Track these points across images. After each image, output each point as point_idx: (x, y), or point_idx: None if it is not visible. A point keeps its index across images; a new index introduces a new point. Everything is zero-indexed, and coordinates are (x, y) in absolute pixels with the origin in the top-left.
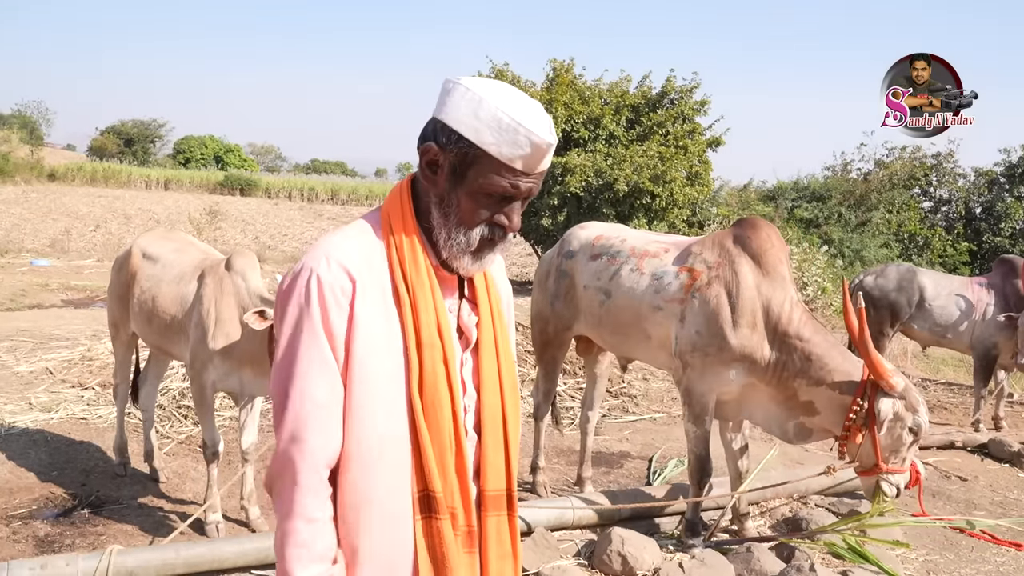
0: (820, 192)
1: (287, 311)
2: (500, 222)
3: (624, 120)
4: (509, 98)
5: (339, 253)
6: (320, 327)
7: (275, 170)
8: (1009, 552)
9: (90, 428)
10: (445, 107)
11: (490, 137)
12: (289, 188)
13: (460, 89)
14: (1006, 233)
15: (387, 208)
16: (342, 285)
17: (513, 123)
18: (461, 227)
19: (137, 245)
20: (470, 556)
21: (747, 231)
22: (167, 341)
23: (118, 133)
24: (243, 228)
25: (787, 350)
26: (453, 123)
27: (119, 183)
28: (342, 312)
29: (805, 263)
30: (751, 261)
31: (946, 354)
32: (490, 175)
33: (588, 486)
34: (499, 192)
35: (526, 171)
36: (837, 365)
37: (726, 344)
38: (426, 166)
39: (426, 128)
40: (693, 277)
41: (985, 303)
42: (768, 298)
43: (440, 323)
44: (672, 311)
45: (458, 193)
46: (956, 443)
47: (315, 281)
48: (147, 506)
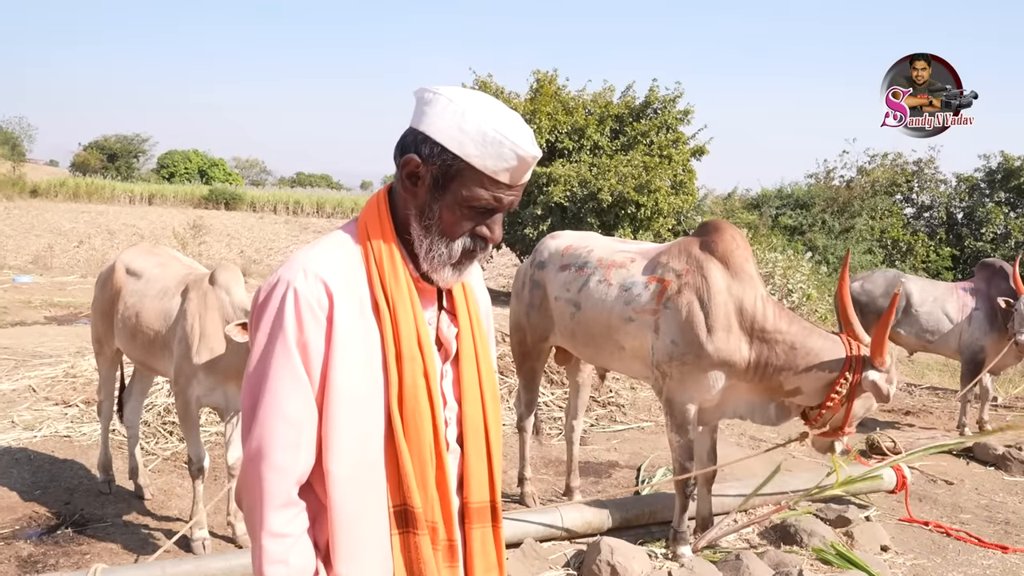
0: (804, 200)
1: (261, 323)
2: (482, 234)
3: (608, 130)
4: (492, 110)
5: (317, 266)
6: (294, 342)
7: (260, 184)
8: (996, 555)
9: (74, 446)
10: (426, 118)
11: (474, 150)
12: (274, 201)
13: (441, 100)
14: (987, 238)
15: (364, 220)
16: (319, 298)
17: (498, 136)
18: (443, 239)
19: (120, 260)
20: (452, 571)
21: (711, 235)
22: (151, 357)
23: (101, 148)
24: (228, 242)
25: (770, 345)
26: (436, 135)
27: (102, 198)
28: (319, 326)
29: (790, 270)
30: (719, 264)
31: (931, 359)
32: (473, 187)
33: (577, 496)
34: (482, 204)
35: (510, 184)
36: (820, 346)
37: (703, 351)
38: (406, 178)
39: (405, 139)
40: (663, 287)
41: (970, 308)
42: (740, 298)
43: (420, 335)
44: (644, 322)
45: (440, 205)
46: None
47: (291, 294)
48: (132, 524)
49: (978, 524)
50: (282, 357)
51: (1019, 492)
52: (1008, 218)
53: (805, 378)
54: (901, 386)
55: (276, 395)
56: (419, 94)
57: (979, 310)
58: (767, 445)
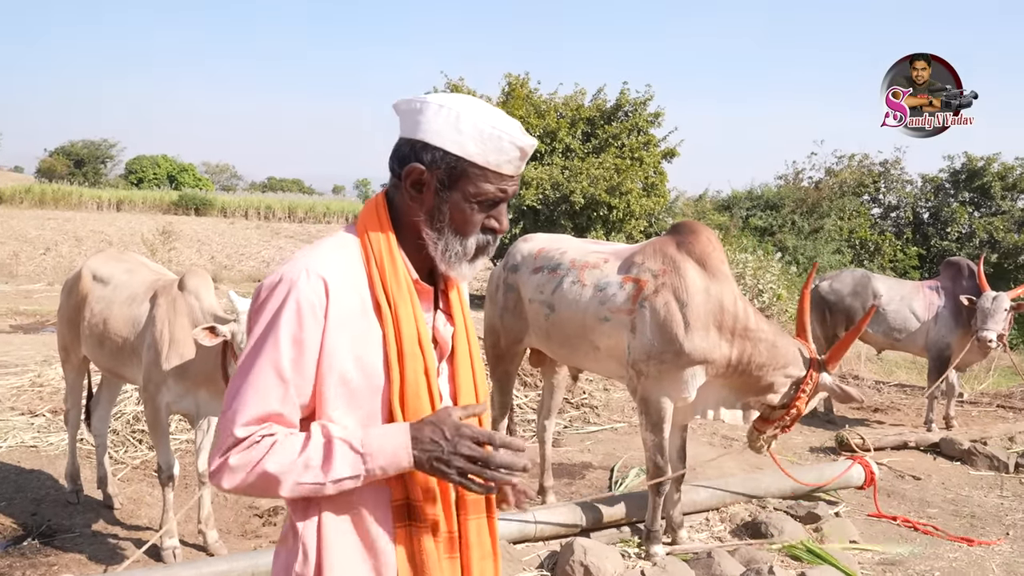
0: (773, 201)
1: (259, 319)
2: (492, 226)
3: (580, 133)
4: (483, 109)
5: (319, 265)
6: (289, 339)
7: (231, 189)
8: (962, 547)
9: (41, 456)
10: (421, 126)
11: (476, 148)
12: (245, 207)
13: (432, 107)
14: (953, 237)
15: (364, 223)
16: (319, 296)
17: (496, 131)
18: (457, 237)
19: (87, 267)
20: (451, 562)
21: (688, 236)
22: (120, 364)
23: (67, 154)
24: (199, 248)
25: (752, 343)
26: (436, 140)
27: (69, 205)
28: (317, 324)
29: (760, 271)
30: (696, 265)
31: (899, 357)
32: (480, 183)
33: (550, 496)
34: (490, 198)
35: (512, 174)
36: (790, 346)
37: (682, 349)
38: (411, 187)
39: (401, 150)
40: (640, 287)
41: (937, 306)
42: (720, 298)
43: (420, 334)
44: (620, 321)
45: (449, 206)
46: (909, 443)
47: (293, 293)
48: (101, 534)
49: (945, 518)
50: (271, 353)
51: (984, 486)
52: (972, 217)
53: (781, 375)
54: (869, 383)
55: (257, 388)
56: (405, 106)
57: (945, 308)
58: (738, 444)
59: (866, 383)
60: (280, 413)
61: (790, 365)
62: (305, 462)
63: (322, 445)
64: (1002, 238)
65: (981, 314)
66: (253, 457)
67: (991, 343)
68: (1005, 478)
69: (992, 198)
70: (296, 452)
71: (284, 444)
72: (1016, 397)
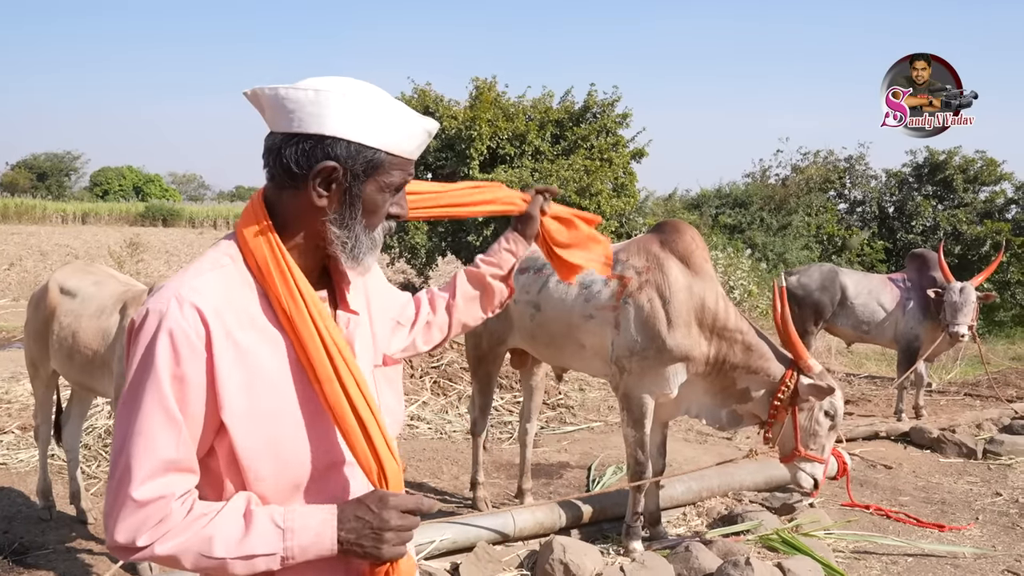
0: (742, 199)
1: (132, 358)
2: (397, 212)
3: (549, 135)
4: (382, 94)
5: (189, 292)
6: (168, 377)
7: (198, 199)
8: (933, 534)
9: (11, 473)
10: (323, 119)
11: (391, 137)
12: (214, 216)
13: (333, 96)
14: (918, 230)
15: (243, 233)
16: (195, 328)
17: (404, 117)
18: (367, 229)
19: (54, 280)
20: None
21: (671, 235)
22: (90, 377)
23: (30, 167)
24: (167, 259)
25: (728, 343)
26: (348, 134)
27: (33, 219)
28: (198, 357)
29: (731, 267)
30: (680, 263)
31: (869, 349)
32: (393, 172)
33: (529, 498)
34: (398, 185)
35: (415, 158)
36: (767, 351)
37: (664, 346)
38: (320, 185)
39: (300, 147)
40: (623, 284)
41: (904, 298)
42: (702, 297)
43: (324, 340)
44: (605, 318)
45: (361, 199)
46: (880, 433)
47: (164, 327)
48: (75, 550)
49: (916, 505)
50: (153, 394)
51: (954, 473)
52: (936, 210)
53: (754, 380)
54: (839, 376)
55: (146, 435)
56: (286, 95)
57: (912, 300)
58: (714, 440)
59: (837, 376)
60: (176, 460)
61: (763, 370)
62: (216, 532)
63: (240, 514)
64: (965, 230)
65: (950, 308)
66: (160, 530)
67: (963, 337)
68: (973, 464)
69: (955, 191)
70: (206, 520)
71: (193, 511)
72: (983, 385)
